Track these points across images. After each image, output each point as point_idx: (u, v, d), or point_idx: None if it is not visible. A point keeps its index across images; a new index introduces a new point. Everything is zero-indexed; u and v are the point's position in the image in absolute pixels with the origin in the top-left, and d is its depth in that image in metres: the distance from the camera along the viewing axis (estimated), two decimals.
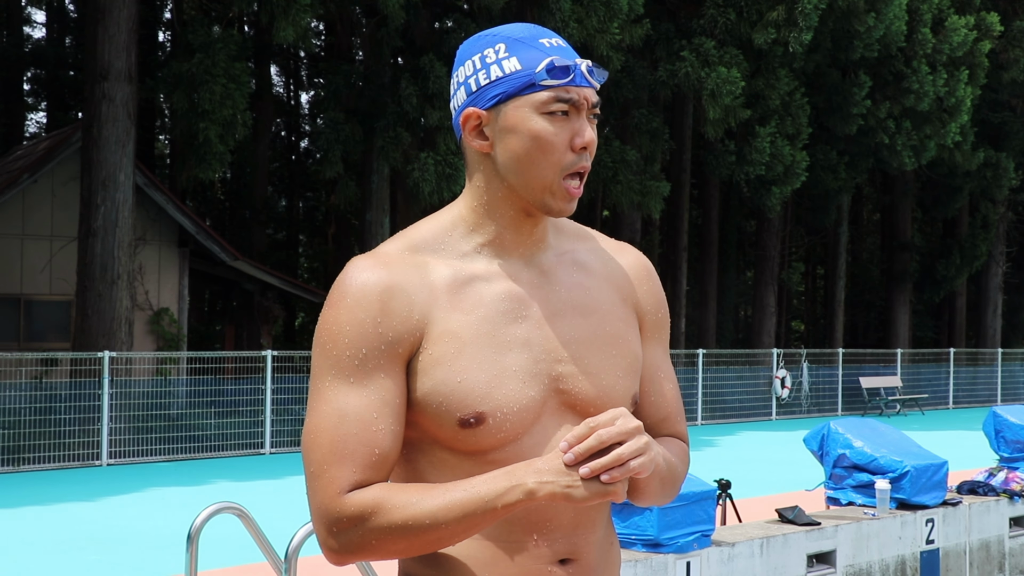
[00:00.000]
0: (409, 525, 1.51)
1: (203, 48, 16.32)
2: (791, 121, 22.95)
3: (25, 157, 21.51)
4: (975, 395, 29.25)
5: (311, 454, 1.57)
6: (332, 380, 1.59)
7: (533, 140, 1.61)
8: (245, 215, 27.64)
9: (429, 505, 1.50)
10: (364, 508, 1.52)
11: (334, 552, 1.55)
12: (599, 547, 1.67)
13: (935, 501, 7.63)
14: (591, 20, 17.70)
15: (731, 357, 24.49)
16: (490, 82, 1.63)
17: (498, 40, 1.65)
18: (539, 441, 1.61)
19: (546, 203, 1.63)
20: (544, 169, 1.61)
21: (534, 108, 1.61)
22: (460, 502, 1.50)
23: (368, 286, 1.61)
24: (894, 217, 33.81)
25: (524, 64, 1.62)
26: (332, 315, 1.62)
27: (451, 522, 1.50)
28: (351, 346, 1.59)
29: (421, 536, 1.51)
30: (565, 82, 1.61)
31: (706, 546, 6.13)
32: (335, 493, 1.54)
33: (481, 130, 1.65)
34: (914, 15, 24.29)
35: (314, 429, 1.58)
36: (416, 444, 1.63)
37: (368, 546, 1.53)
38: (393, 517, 1.51)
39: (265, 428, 15.98)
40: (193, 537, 4.30)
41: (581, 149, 1.62)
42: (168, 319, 20.42)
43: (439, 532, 1.51)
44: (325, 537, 1.55)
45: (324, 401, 1.58)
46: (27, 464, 13.96)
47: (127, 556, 8.29)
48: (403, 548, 1.54)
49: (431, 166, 17.68)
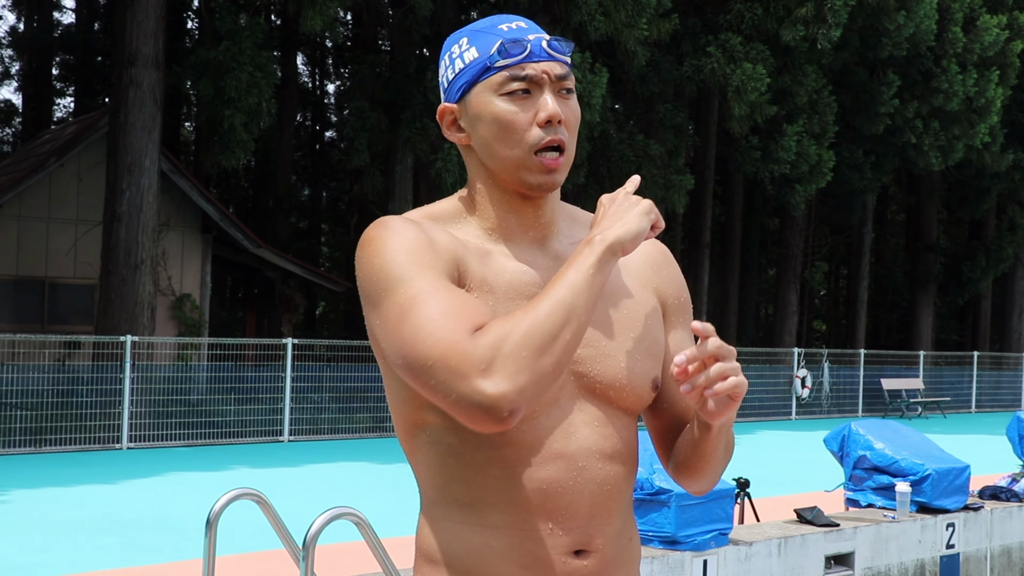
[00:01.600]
0: (538, 318, 1.47)
1: (230, 36, 16.37)
2: (817, 119, 22.81)
3: (52, 141, 21.64)
4: (998, 399, 29.03)
5: (421, 340, 1.48)
6: (403, 286, 1.52)
7: (495, 122, 1.62)
8: (268, 203, 27.72)
9: (543, 299, 1.49)
10: (496, 330, 1.46)
11: (503, 392, 1.44)
12: (616, 540, 1.65)
13: (956, 505, 7.57)
14: (619, 14, 17.63)
15: (751, 355, 24.40)
16: (455, 75, 1.66)
17: (463, 35, 1.67)
18: (556, 422, 1.60)
19: (524, 180, 1.63)
20: (512, 148, 1.62)
21: (492, 91, 1.62)
22: (563, 280, 1.51)
23: (407, 223, 1.61)
24: (919, 218, 33.58)
25: (481, 51, 1.64)
26: (378, 244, 1.57)
27: (568, 299, 1.49)
28: (412, 255, 1.55)
29: (556, 325, 1.47)
30: (519, 59, 1.61)
31: (723, 545, 6.11)
32: (461, 340, 1.46)
33: (458, 124, 1.68)
34: (945, 14, 24.08)
35: (411, 326, 1.49)
36: (434, 429, 1.61)
37: (523, 361, 1.44)
38: (521, 319, 1.47)
39: (284, 416, 16.04)
40: (212, 522, 4.30)
41: (546, 123, 1.61)
42: (190, 305, 20.52)
43: (566, 314, 1.48)
44: (483, 384, 1.44)
45: (405, 303, 1.51)
46: (48, 446, 14.06)
47: (145, 540, 8.33)
48: (551, 349, 1.46)
49: (454, 157, 17.68)
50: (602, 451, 1.62)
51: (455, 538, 1.60)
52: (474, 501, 1.59)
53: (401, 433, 1.66)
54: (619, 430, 1.65)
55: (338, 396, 17.02)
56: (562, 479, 1.58)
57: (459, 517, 1.60)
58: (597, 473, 1.61)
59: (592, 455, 1.61)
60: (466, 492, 1.59)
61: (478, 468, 1.59)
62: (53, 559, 7.60)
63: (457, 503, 1.60)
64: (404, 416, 1.64)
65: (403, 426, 1.65)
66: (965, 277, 32.54)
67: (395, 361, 1.52)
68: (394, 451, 14.75)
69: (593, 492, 1.60)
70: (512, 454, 1.58)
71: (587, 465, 1.60)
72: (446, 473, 1.61)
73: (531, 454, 1.58)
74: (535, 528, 1.58)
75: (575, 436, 1.61)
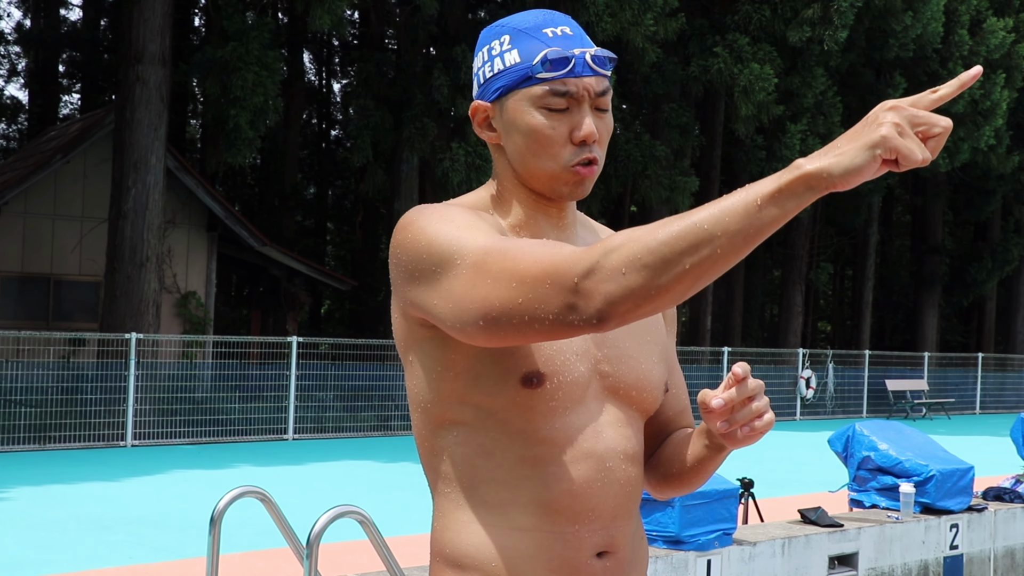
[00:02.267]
0: (655, 233, 1.32)
1: (237, 35, 16.39)
2: (823, 120, 22.79)
3: (58, 138, 21.67)
4: (1003, 401, 28.99)
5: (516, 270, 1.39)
6: (465, 253, 1.45)
7: (531, 134, 1.60)
8: (274, 201, 27.75)
9: (680, 218, 1.32)
10: (606, 243, 1.35)
11: (587, 295, 1.34)
12: (632, 540, 1.67)
13: (960, 506, 7.56)
14: (625, 14, 17.63)
15: (756, 356, 24.38)
16: (493, 75, 1.63)
17: (504, 31, 1.63)
18: (586, 421, 1.60)
19: (556, 190, 1.63)
20: (546, 161, 1.61)
21: (531, 102, 1.60)
22: (721, 199, 1.31)
23: (449, 204, 1.59)
24: (925, 219, 33.54)
25: (523, 56, 1.60)
26: (423, 223, 1.51)
27: (707, 223, 1.29)
28: (464, 227, 1.50)
29: (676, 248, 1.30)
30: (562, 74, 1.58)
31: (727, 544, 6.11)
32: (567, 255, 1.37)
33: (490, 123, 1.66)
34: (951, 16, 24.05)
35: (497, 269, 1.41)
36: (464, 429, 1.60)
37: (620, 276, 1.32)
38: (636, 232, 1.34)
39: (288, 414, 16.05)
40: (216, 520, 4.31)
41: (581, 142, 1.60)
42: (195, 303, 20.54)
43: (695, 239, 1.30)
44: (572, 286, 1.34)
45: (477, 263, 1.43)
46: (52, 443, 14.08)
47: (150, 537, 8.34)
48: (660, 270, 1.31)
49: (461, 156, 17.68)
50: (625, 452, 1.63)
51: (482, 541, 1.59)
52: (503, 503, 1.58)
53: (424, 432, 1.64)
54: (636, 432, 1.67)
55: (343, 395, 17.04)
56: (591, 479, 1.59)
57: (487, 520, 1.59)
58: (621, 474, 1.62)
59: (617, 456, 1.62)
60: (495, 494, 1.58)
61: (509, 468, 1.58)
62: (57, 556, 7.62)
63: (485, 505, 1.59)
64: (432, 414, 1.62)
65: (429, 426, 1.63)
66: (970, 279, 32.49)
67: (472, 325, 1.44)
68: (398, 450, 14.75)
69: (617, 493, 1.61)
70: (545, 452, 1.58)
71: (613, 466, 1.61)
72: (475, 474, 1.59)
73: (563, 452, 1.58)
74: (563, 530, 1.58)
75: (602, 436, 1.61)
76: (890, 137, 1.27)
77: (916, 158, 1.28)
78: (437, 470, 1.63)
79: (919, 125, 1.30)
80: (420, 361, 1.60)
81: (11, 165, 22.60)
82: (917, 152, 1.28)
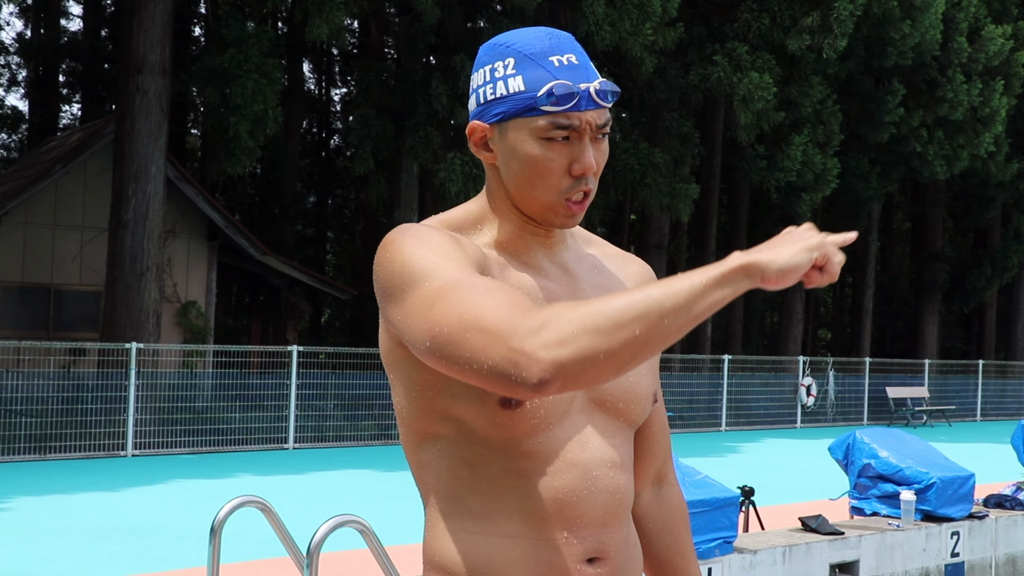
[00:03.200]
0: (610, 303, 1.36)
1: (236, 43, 16.41)
2: (823, 128, 22.81)
3: (58, 148, 21.70)
4: (1003, 408, 28.98)
5: (459, 316, 1.40)
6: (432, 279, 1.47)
7: (529, 164, 1.60)
8: (274, 210, 27.77)
9: (631, 291, 1.38)
10: (555, 307, 1.38)
11: (538, 357, 1.35)
12: (624, 546, 1.67)
13: (961, 514, 7.55)
14: (624, 23, 17.65)
15: (757, 363, 24.37)
16: (495, 99, 1.62)
17: (509, 53, 1.62)
18: (570, 433, 1.61)
19: (547, 219, 1.65)
20: (542, 191, 1.61)
21: (532, 133, 1.59)
22: (668, 279, 1.38)
23: (429, 227, 1.58)
24: (925, 227, 33.55)
25: (528, 85, 1.59)
26: (402, 244, 1.52)
27: (657, 297, 1.36)
28: (439, 252, 1.50)
29: (630, 316, 1.35)
30: (567, 108, 1.58)
31: (728, 552, 6.10)
32: (510, 310, 1.38)
33: (487, 143, 1.66)
34: (950, 23, 24.09)
35: (446, 307, 1.42)
36: (446, 442, 1.62)
37: (571, 339, 1.34)
38: (590, 302, 1.38)
39: (289, 423, 16.04)
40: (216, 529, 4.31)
41: (579, 175, 1.60)
42: (195, 312, 20.54)
43: (645, 309, 1.35)
44: (521, 343, 1.35)
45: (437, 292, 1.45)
46: (53, 453, 14.07)
47: (150, 547, 8.33)
48: (612, 337, 1.34)
49: (458, 166, 17.70)
50: (612, 461, 1.64)
51: (470, 549, 1.60)
52: (489, 512, 1.59)
53: (409, 446, 1.65)
54: (624, 442, 1.68)
55: (343, 404, 17.02)
56: (577, 488, 1.60)
57: (473, 528, 1.60)
58: (609, 482, 1.63)
59: (604, 464, 1.63)
60: (481, 503, 1.59)
61: (493, 479, 1.59)
62: (57, 566, 7.61)
63: (472, 514, 1.60)
64: (414, 429, 1.63)
65: (412, 439, 1.64)
66: (970, 286, 32.49)
67: (421, 341, 1.45)
68: (399, 459, 14.75)
69: (605, 501, 1.62)
70: (528, 465, 1.58)
71: (600, 475, 1.62)
72: (459, 485, 1.60)
73: (547, 464, 1.59)
74: (551, 537, 1.59)
75: (588, 446, 1.62)
76: (826, 244, 1.42)
77: (835, 271, 1.43)
78: (424, 482, 1.64)
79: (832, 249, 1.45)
80: (400, 380, 1.62)
81: (11, 175, 22.62)
82: (836, 268, 1.43)
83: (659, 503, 1.86)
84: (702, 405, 21.85)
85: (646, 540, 1.84)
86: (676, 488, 1.89)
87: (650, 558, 1.85)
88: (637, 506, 1.84)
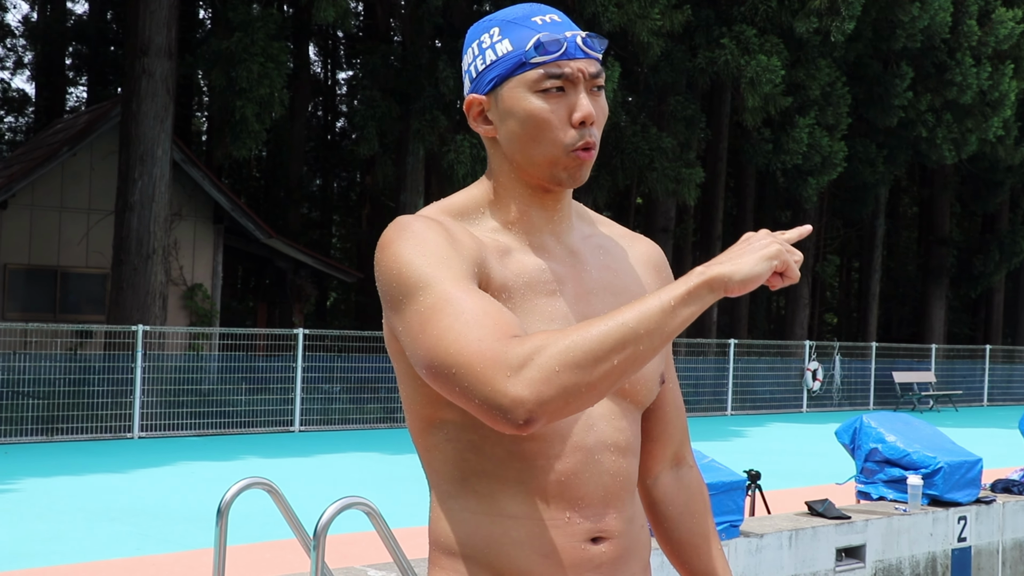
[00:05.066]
0: (587, 335, 1.39)
1: (242, 26, 16.37)
2: (831, 111, 22.73)
3: (65, 131, 21.69)
4: (1011, 393, 28.95)
5: (447, 345, 1.43)
6: (425, 292, 1.48)
7: (529, 119, 1.60)
8: (280, 193, 27.77)
9: (604, 319, 1.41)
10: (533, 340, 1.40)
11: (522, 398, 1.38)
12: (629, 526, 1.67)
13: (968, 499, 7.54)
14: (631, 6, 17.58)
15: (763, 348, 24.36)
16: (486, 67, 1.63)
17: (493, 24, 1.64)
18: (577, 417, 1.61)
19: (555, 176, 1.63)
20: (546, 146, 1.61)
21: (527, 87, 1.60)
22: (637, 303, 1.42)
23: (428, 223, 1.57)
24: (932, 211, 33.46)
25: (515, 45, 1.61)
26: (398, 247, 1.53)
27: (631, 323, 1.39)
28: (434, 258, 1.51)
29: (607, 347, 1.39)
30: (555, 57, 1.59)
31: (734, 536, 6.10)
32: (491, 346, 1.40)
33: (485, 116, 1.66)
34: (959, 6, 23.96)
35: (436, 331, 1.44)
36: (452, 427, 1.62)
37: (554, 375, 1.38)
38: (567, 333, 1.40)
39: (295, 406, 16.07)
40: (223, 511, 4.31)
41: (580, 124, 1.60)
42: (201, 295, 20.56)
43: (621, 338, 1.39)
44: (505, 385, 1.39)
45: (429, 309, 1.46)
46: (60, 435, 14.11)
47: (157, 529, 8.36)
48: (592, 369, 1.39)
49: (466, 149, 17.66)
50: (616, 444, 1.64)
51: (474, 529, 1.61)
52: (493, 492, 1.60)
53: (415, 430, 1.66)
54: (630, 424, 1.68)
55: (349, 386, 17.05)
56: (578, 471, 1.60)
57: (477, 508, 1.60)
58: (610, 466, 1.63)
59: (607, 448, 1.63)
60: (486, 485, 1.60)
61: (498, 462, 1.59)
62: (64, 547, 7.63)
63: (476, 494, 1.60)
64: (420, 415, 1.63)
65: (418, 424, 1.65)
66: (977, 271, 32.42)
67: (418, 365, 1.49)
68: (405, 441, 14.77)
69: (607, 483, 1.62)
70: (533, 448, 1.59)
71: (602, 458, 1.62)
72: (465, 467, 1.61)
73: (551, 447, 1.59)
74: (554, 517, 1.59)
75: (594, 429, 1.62)
76: (785, 252, 1.46)
77: (795, 276, 1.47)
78: (431, 464, 1.65)
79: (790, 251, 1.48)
80: (404, 369, 1.62)
81: (18, 158, 22.63)
82: (795, 271, 1.47)
83: (678, 485, 1.84)
84: (708, 390, 21.85)
85: (667, 523, 1.83)
86: (695, 470, 1.88)
87: (672, 542, 1.83)
88: (656, 489, 1.83)
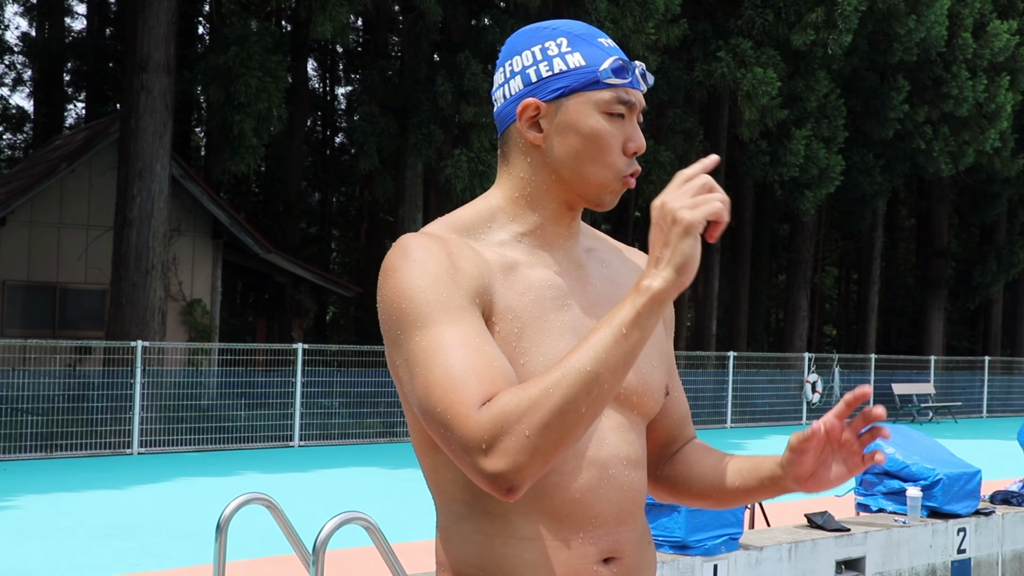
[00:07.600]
0: (551, 393, 1.39)
1: (239, 41, 16.42)
2: (827, 124, 22.78)
3: (63, 147, 21.72)
4: (1010, 404, 28.93)
5: (434, 402, 1.45)
6: (421, 332, 1.49)
7: (593, 138, 1.61)
8: (279, 208, 27.78)
9: (563, 367, 1.40)
10: (502, 407, 1.41)
11: (501, 472, 1.40)
12: (639, 545, 1.66)
13: (967, 510, 7.54)
14: (626, 21, 17.64)
15: (762, 360, 24.36)
16: (552, 74, 1.62)
17: (559, 34, 1.64)
18: (589, 432, 1.60)
19: (601, 197, 1.65)
20: (601, 168, 1.62)
21: (596, 106, 1.61)
22: (590, 342, 1.41)
23: (431, 248, 1.57)
24: (930, 223, 33.50)
25: (588, 60, 1.62)
26: (399, 277, 1.53)
27: (589, 368, 1.40)
28: (432, 293, 1.51)
29: (572, 399, 1.39)
30: (625, 83, 1.62)
31: (734, 549, 6.10)
32: (467, 413, 1.42)
33: (537, 122, 1.64)
34: (955, 19, 24.04)
35: (424, 382, 1.46)
36: None
37: (526, 441, 1.39)
38: (532, 394, 1.40)
39: (295, 421, 16.06)
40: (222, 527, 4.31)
41: (632, 153, 1.63)
42: (201, 310, 20.56)
43: (585, 387, 1.40)
44: (483, 462, 1.40)
45: (422, 353, 1.48)
46: (59, 451, 14.09)
47: (156, 545, 8.34)
48: (561, 426, 1.40)
49: (464, 163, 17.69)
50: (628, 457, 1.63)
51: (485, 551, 1.58)
52: (505, 513, 1.57)
53: (423, 449, 1.64)
54: (639, 436, 1.67)
55: (348, 401, 17.04)
56: (593, 486, 1.59)
57: (489, 530, 1.58)
58: (624, 480, 1.62)
59: (619, 462, 1.62)
60: (497, 505, 1.57)
61: None
62: (63, 564, 7.62)
63: (488, 515, 1.58)
64: (427, 434, 1.61)
65: (426, 443, 1.62)
66: (976, 282, 32.44)
67: (413, 403, 1.51)
68: (404, 456, 14.76)
69: (620, 499, 1.61)
70: None
71: (615, 472, 1.61)
72: (475, 488, 1.58)
73: (565, 463, 1.58)
74: (567, 538, 1.58)
75: (605, 442, 1.61)
76: (692, 216, 1.42)
77: (718, 208, 1.43)
78: (439, 484, 1.63)
79: (692, 187, 1.45)
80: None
81: (16, 174, 22.65)
82: (716, 204, 1.43)
83: (690, 445, 1.82)
84: (708, 402, 21.84)
85: (695, 467, 1.76)
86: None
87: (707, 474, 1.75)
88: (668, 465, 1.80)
